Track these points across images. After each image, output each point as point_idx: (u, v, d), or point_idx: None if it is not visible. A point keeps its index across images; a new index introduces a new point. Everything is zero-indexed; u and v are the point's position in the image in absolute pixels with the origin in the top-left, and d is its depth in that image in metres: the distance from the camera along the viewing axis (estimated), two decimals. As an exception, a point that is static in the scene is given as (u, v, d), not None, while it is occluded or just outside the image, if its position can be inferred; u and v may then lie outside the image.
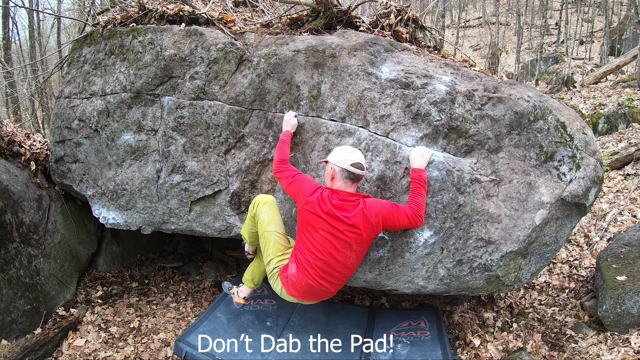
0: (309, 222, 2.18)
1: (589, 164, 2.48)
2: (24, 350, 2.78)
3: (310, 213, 2.16)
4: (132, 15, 3.04)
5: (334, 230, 2.13)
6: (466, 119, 2.45)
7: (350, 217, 2.13)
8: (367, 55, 2.62)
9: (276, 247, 2.40)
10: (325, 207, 2.14)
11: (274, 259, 2.38)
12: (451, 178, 2.38)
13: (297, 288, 2.26)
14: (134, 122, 2.89)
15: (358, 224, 2.13)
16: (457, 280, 2.56)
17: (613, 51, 12.59)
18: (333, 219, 2.13)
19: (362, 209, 2.14)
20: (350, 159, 2.18)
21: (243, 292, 2.84)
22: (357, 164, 2.19)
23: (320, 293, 2.29)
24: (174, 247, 4.55)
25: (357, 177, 2.21)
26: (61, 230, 3.43)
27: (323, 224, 2.14)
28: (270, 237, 2.40)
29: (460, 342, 3.09)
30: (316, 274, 2.20)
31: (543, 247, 2.58)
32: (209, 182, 2.78)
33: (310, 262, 2.19)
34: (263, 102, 2.68)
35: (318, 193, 2.18)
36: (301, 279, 2.22)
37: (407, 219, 2.23)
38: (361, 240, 2.17)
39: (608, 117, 6.87)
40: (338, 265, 2.19)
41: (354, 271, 2.37)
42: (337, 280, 2.26)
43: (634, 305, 2.65)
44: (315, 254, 2.17)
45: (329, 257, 2.17)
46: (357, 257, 2.23)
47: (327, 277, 2.21)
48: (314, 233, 2.17)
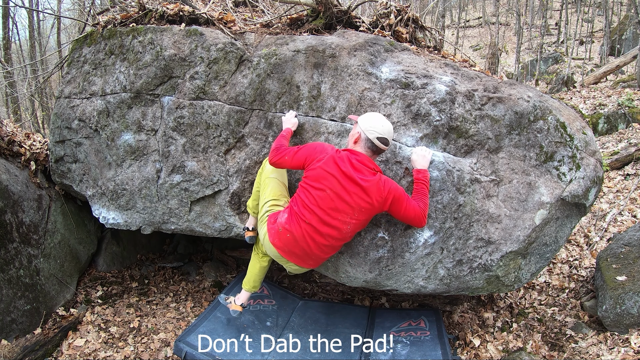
0: (318, 179, 2.10)
1: (589, 164, 2.48)
2: (24, 350, 2.78)
3: (323, 170, 2.09)
4: (132, 15, 3.04)
5: (343, 191, 2.08)
6: (466, 119, 2.45)
7: (366, 180, 2.08)
8: (367, 55, 2.62)
9: (274, 191, 2.37)
10: (344, 166, 2.08)
11: (269, 201, 2.36)
12: (451, 178, 2.39)
13: (281, 238, 2.20)
14: (134, 122, 2.89)
15: (370, 191, 2.09)
16: (457, 280, 2.56)
17: (613, 51, 12.59)
18: (347, 179, 2.08)
19: (379, 180, 2.12)
20: (379, 132, 2.12)
21: (241, 299, 2.82)
22: (382, 139, 2.13)
23: (301, 254, 2.22)
24: (174, 247, 4.54)
25: (379, 150, 2.19)
26: (61, 230, 3.43)
27: (333, 183, 2.08)
28: (270, 182, 2.40)
29: (460, 342, 3.09)
30: (306, 231, 2.13)
31: (543, 247, 2.58)
32: (209, 182, 2.78)
33: (306, 217, 2.12)
34: (263, 102, 2.68)
35: (334, 152, 2.13)
36: (288, 230, 2.16)
37: (414, 214, 2.20)
38: (366, 209, 2.12)
39: (608, 117, 6.87)
40: (332, 229, 2.13)
41: (341, 249, 2.35)
42: (324, 247, 2.20)
43: (634, 305, 2.65)
44: (313, 211, 2.11)
45: (327, 217, 2.10)
46: (354, 227, 2.17)
47: (317, 237, 2.15)
48: (319, 191, 2.10)
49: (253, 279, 2.78)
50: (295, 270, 2.44)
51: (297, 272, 2.48)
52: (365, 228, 2.43)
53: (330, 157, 2.11)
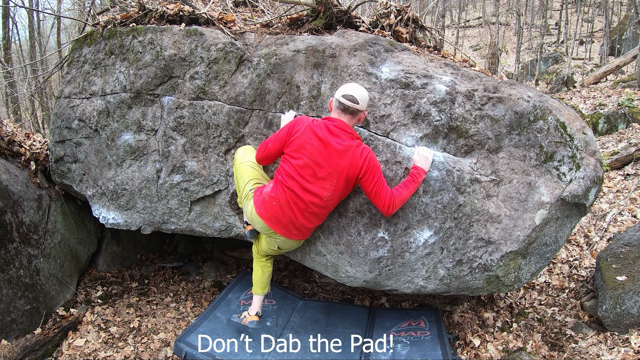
0: (297, 149, 2.17)
1: (589, 164, 2.48)
2: (24, 350, 2.78)
3: (301, 139, 2.16)
4: (132, 15, 3.04)
5: (320, 157, 2.14)
6: (466, 119, 2.45)
7: (342, 144, 2.14)
8: (367, 55, 2.62)
9: (252, 172, 2.43)
10: (321, 132, 2.15)
11: (250, 180, 2.40)
12: (451, 178, 2.38)
13: (267, 206, 2.24)
14: (134, 122, 2.89)
15: (346, 154, 2.14)
16: (457, 280, 2.56)
17: (613, 51, 12.59)
18: (323, 144, 2.14)
19: (357, 146, 2.17)
20: (344, 91, 2.18)
21: (254, 308, 2.80)
22: (347, 95, 2.16)
23: (287, 222, 2.26)
24: (174, 247, 4.54)
25: (347, 108, 2.18)
26: (61, 230, 3.43)
27: (311, 150, 2.15)
28: (245, 166, 2.44)
29: (460, 342, 3.09)
30: (290, 197, 2.19)
31: (543, 247, 2.58)
32: (209, 182, 2.78)
33: (288, 183, 2.19)
34: (263, 102, 2.68)
35: (310, 121, 2.20)
36: (273, 197, 2.22)
37: (382, 198, 2.19)
38: (343, 173, 2.16)
39: (608, 117, 6.87)
40: (313, 195, 2.18)
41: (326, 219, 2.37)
42: (308, 214, 2.24)
43: (634, 305, 2.65)
44: (294, 178, 2.18)
45: (307, 184, 2.17)
46: (334, 193, 2.20)
47: (300, 204, 2.20)
48: (299, 160, 2.17)
49: (261, 283, 2.79)
50: (283, 244, 2.45)
51: (285, 246, 2.50)
52: (366, 228, 2.44)
53: (307, 126, 2.18)
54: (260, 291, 2.80)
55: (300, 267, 4.15)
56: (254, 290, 2.81)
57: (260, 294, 2.81)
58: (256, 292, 2.81)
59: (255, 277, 2.79)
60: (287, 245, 2.48)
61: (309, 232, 2.40)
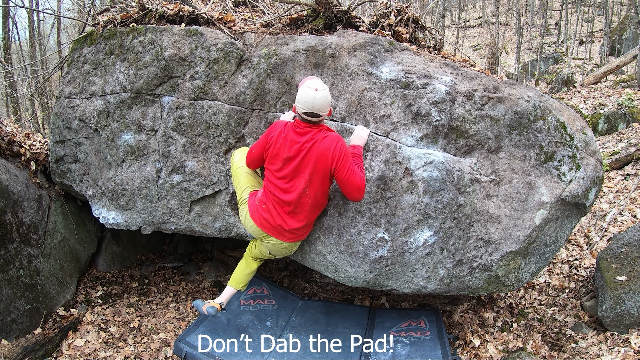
0: (274, 155, 2.30)
1: (589, 164, 2.48)
2: (24, 350, 2.78)
3: (275, 145, 2.28)
4: (132, 15, 3.04)
5: (292, 159, 2.25)
6: (466, 119, 2.45)
7: (310, 141, 2.23)
8: (367, 55, 2.62)
9: (247, 178, 2.52)
10: (290, 135, 2.26)
11: (247, 187, 2.50)
12: (451, 178, 2.38)
13: (258, 210, 2.38)
14: (134, 122, 2.89)
15: (315, 150, 2.22)
16: (457, 280, 2.56)
17: (613, 51, 12.58)
18: (293, 146, 2.24)
19: (323, 138, 2.23)
20: (304, 106, 2.19)
21: (221, 298, 2.73)
22: (308, 113, 2.21)
23: (276, 225, 2.35)
24: (174, 247, 4.54)
25: (311, 122, 2.25)
26: (61, 230, 3.43)
27: (283, 154, 2.26)
28: (241, 172, 2.53)
29: (460, 342, 3.09)
30: (274, 200, 2.33)
31: (543, 247, 2.58)
32: (209, 182, 2.78)
33: (270, 188, 2.34)
34: (263, 102, 2.68)
35: (282, 126, 2.31)
36: (263, 201, 2.37)
37: (358, 180, 2.23)
38: (316, 168, 2.23)
39: (608, 117, 6.87)
40: (290, 195, 2.28)
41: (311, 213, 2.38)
42: (293, 214, 2.33)
43: (634, 305, 2.65)
44: (273, 182, 2.32)
45: (286, 185, 2.29)
46: (312, 190, 2.28)
47: (283, 205, 2.31)
48: (275, 164, 2.30)
49: (238, 278, 2.74)
50: (274, 248, 2.49)
51: (276, 251, 2.52)
52: (366, 228, 2.44)
53: (279, 132, 2.30)
54: (234, 284, 2.74)
55: (300, 267, 4.15)
56: (229, 282, 2.77)
57: (233, 287, 2.75)
58: (230, 284, 2.76)
59: (236, 270, 2.77)
60: (278, 249, 2.50)
61: (300, 233, 2.42)
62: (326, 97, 2.22)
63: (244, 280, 2.76)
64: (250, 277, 2.79)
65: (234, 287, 2.75)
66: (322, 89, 2.21)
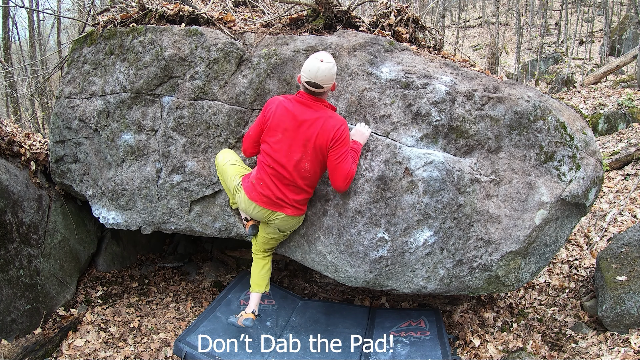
0: (273, 128, 2.27)
1: (589, 164, 2.48)
2: (24, 350, 2.78)
3: (275, 117, 2.25)
4: (132, 15, 3.04)
5: (293, 131, 2.23)
6: (466, 119, 2.45)
7: (313, 114, 2.22)
8: (367, 55, 2.62)
9: (235, 168, 2.52)
10: (291, 106, 2.25)
11: (236, 175, 2.49)
12: (451, 178, 2.38)
13: (255, 188, 2.35)
14: (134, 122, 2.89)
15: (316, 123, 2.21)
16: (457, 280, 2.56)
17: (613, 51, 12.58)
18: (294, 117, 2.23)
19: (329, 117, 2.24)
20: (307, 75, 2.19)
21: (250, 306, 2.71)
22: (310, 82, 2.19)
23: (276, 200, 2.34)
24: (174, 247, 4.54)
25: (313, 92, 2.24)
26: (61, 230, 3.43)
27: (284, 126, 2.24)
28: (227, 166, 2.54)
29: (460, 342, 3.09)
30: (271, 174, 2.30)
31: (543, 247, 2.58)
32: (209, 182, 2.78)
33: (268, 161, 2.30)
34: (263, 102, 2.68)
35: (281, 99, 2.29)
36: (259, 178, 2.34)
37: (346, 171, 2.26)
38: (311, 143, 2.22)
39: (608, 117, 6.87)
40: (289, 167, 2.26)
41: (313, 186, 2.40)
42: (292, 187, 2.32)
43: (634, 305, 2.65)
44: (271, 155, 2.28)
45: (284, 158, 2.26)
46: (311, 164, 2.27)
47: (281, 178, 2.29)
48: (274, 137, 2.27)
49: (259, 279, 2.74)
50: (282, 223, 2.45)
51: (285, 226, 2.49)
52: (365, 228, 2.44)
53: (278, 104, 2.28)
54: (257, 288, 2.73)
55: (300, 267, 4.15)
56: (252, 288, 2.76)
57: (257, 292, 2.73)
58: (253, 290, 2.74)
59: (253, 274, 2.76)
60: (286, 224, 2.47)
61: (300, 205, 2.41)
62: (330, 70, 2.20)
63: (263, 281, 2.75)
64: (267, 275, 2.78)
65: (257, 292, 2.74)
66: (328, 61, 2.20)
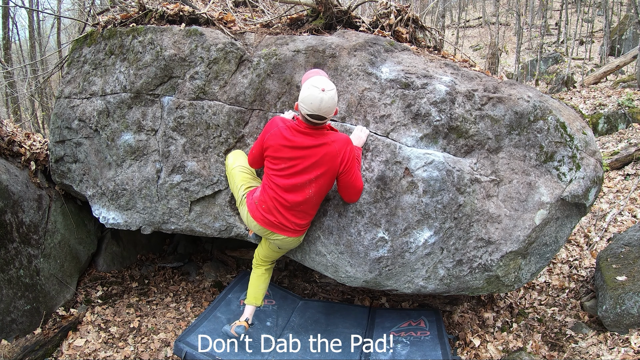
0: (275, 152, 2.22)
1: (589, 164, 2.48)
2: (24, 350, 2.78)
3: (276, 143, 2.21)
4: (132, 15, 3.04)
5: (294, 159, 2.19)
6: (466, 119, 2.45)
7: (315, 142, 2.17)
8: (367, 55, 2.62)
9: (243, 176, 2.50)
10: (290, 134, 2.18)
11: (242, 185, 2.48)
12: (451, 178, 2.38)
13: (258, 209, 2.34)
14: (134, 122, 2.89)
15: (321, 152, 2.16)
16: (457, 280, 2.56)
17: (613, 51, 12.59)
18: (295, 147, 2.18)
19: (333, 142, 2.17)
20: (309, 107, 2.08)
21: (245, 315, 2.72)
22: (314, 115, 2.10)
23: (277, 222, 2.32)
24: (174, 247, 4.54)
25: (315, 124, 2.16)
26: (61, 230, 3.43)
27: (285, 153, 2.20)
28: (236, 171, 2.52)
29: (460, 342, 3.09)
30: (274, 198, 2.27)
31: (543, 247, 2.58)
32: (209, 182, 2.78)
33: (271, 186, 2.28)
34: (263, 102, 2.68)
35: (280, 124, 2.22)
36: (262, 201, 2.32)
37: (359, 185, 2.29)
38: (321, 172, 2.19)
39: (608, 117, 6.87)
40: (294, 195, 2.23)
41: (313, 212, 2.38)
42: (295, 212, 2.29)
43: (634, 305, 2.65)
44: (273, 180, 2.26)
45: (287, 184, 2.22)
46: (315, 191, 2.24)
47: (284, 203, 2.26)
48: (277, 161, 2.23)
49: (255, 292, 2.73)
50: (282, 243, 2.46)
51: (285, 245, 2.50)
52: (366, 228, 2.44)
53: (277, 130, 2.21)
54: (253, 301, 2.71)
55: (300, 267, 4.15)
56: (247, 299, 2.73)
57: (252, 304, 2.72)
58: (249, 302, 2.72)
59: (250, 284, 2.74)
60: (286, 243, 2.48)
61: (302, 228, 2.41)
62: (333, 98, 2.07)
63: (260, 295, 2.74)
64: (264, 288, 2.75)
65: (253, 305, 2.73)
66: (330, 89, 2.06)
